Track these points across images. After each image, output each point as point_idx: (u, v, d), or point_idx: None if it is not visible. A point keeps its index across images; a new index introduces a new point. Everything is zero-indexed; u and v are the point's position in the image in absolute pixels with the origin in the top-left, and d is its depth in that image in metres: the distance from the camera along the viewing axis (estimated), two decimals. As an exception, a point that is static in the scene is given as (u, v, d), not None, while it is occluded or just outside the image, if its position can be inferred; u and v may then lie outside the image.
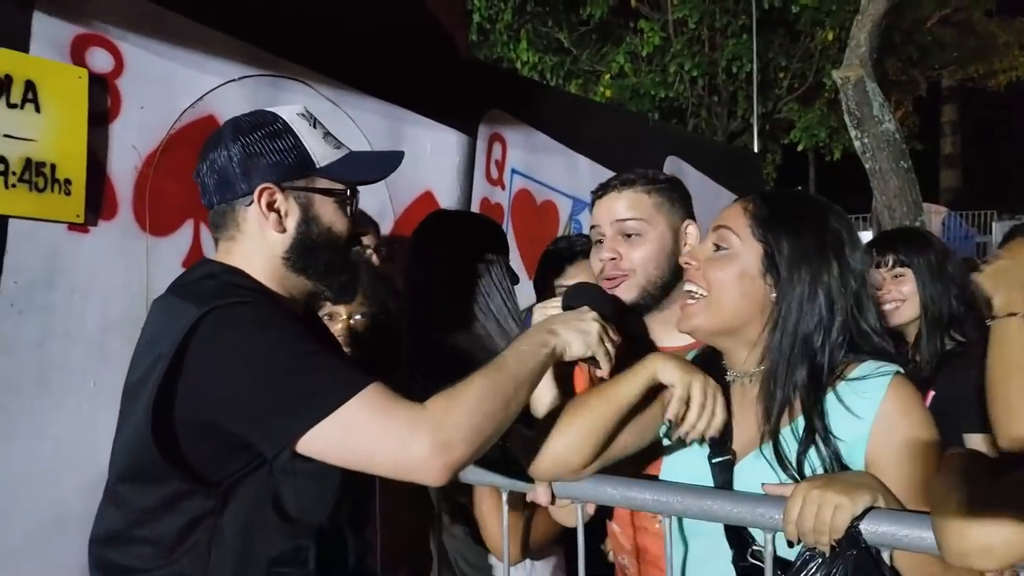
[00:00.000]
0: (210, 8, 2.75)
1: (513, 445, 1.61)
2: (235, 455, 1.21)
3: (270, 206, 1.33)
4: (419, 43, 3.53)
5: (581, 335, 1.33)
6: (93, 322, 2.44)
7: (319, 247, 1.37)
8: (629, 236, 1.64)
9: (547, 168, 4.13)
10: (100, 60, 2.46)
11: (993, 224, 17.27)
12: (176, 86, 2.70)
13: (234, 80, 2.85)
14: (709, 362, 1.41)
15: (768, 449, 1.28)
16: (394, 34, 3.38)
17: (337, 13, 3.15)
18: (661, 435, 1.45)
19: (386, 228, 3.40)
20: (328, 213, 1.38)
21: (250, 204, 1.34)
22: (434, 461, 1.14)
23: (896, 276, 2.37)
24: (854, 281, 1.31)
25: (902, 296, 2.35)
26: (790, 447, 1.27)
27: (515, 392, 1.25)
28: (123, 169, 2.55)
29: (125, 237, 2.54)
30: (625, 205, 1.64)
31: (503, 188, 3.86)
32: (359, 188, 1.48)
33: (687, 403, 1.28)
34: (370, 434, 1.14)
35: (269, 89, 2.96)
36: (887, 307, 2.34)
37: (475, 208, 3.71)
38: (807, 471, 1.24)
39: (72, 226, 2.37)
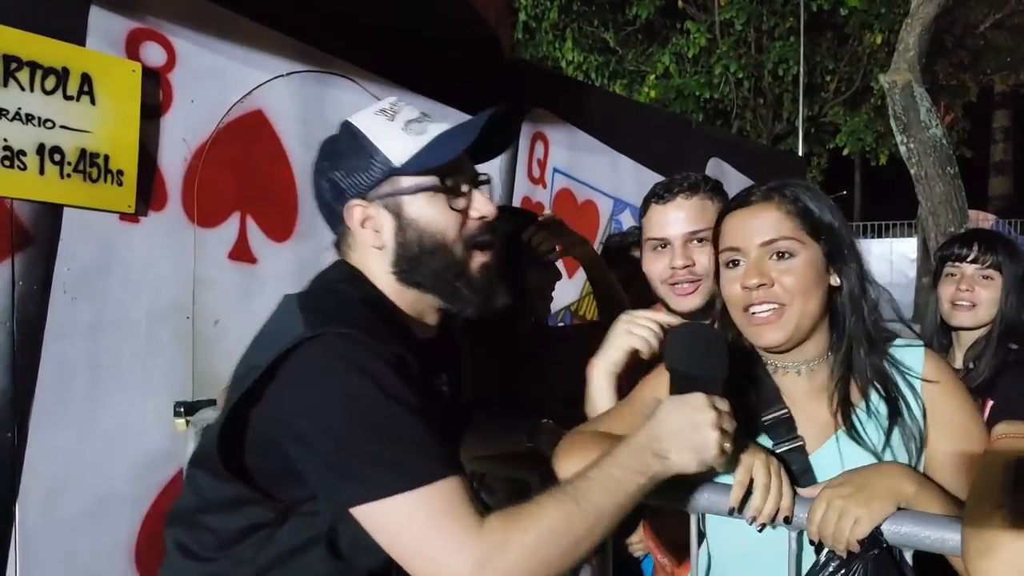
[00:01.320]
0: (260, 4, 2.81)
1: (539, 442, 1.62)
2: (297, 483, 1.14)
3: (363, 223, 1.25)
4: (464, 41, 3.55)
5: (695, 453, 1.12)
6: (142, 310, 2.51)
7: (422, 253, 1.23)
8: (701, 242, 1.67)
9: (589, 168, 4.14)
10: (153, 54, 2.52)
11: (1044, 233, 16.81)
12: (226, 81, 2.75)
13: (282, 76, 2.90)
14: (745, 357, 1.40)
15: (848, 431, 1.29)
16: (439, 32, 3.41)
17: (383, 11, 3.18)
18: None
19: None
20: (421, 213, 1.23)
21: (349, 226, 1.27)
22: None
23: (985, 277, 2.25)
24: None
25: (981, 299, 2.24)
26: (869, 427, 1.29)
27: (588, 532, 1.07)
28: (173, 161, 2.61)
29: (174, 228, 2.61)
30: (695, 214, 1.67)
31: (544, 187, 3.87)
32: (480, 170, 1.30)
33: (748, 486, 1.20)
34: (416, 536, 1.04)
35: (317, 85, 3.01)
36: (961, 303, 2.25)
37: (516, 206, 3.72)
38: (891, 448, 1.27)
39: (123, 216, 2.44)
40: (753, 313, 1.31)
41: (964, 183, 6.93)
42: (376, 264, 1.26)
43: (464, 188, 1.25)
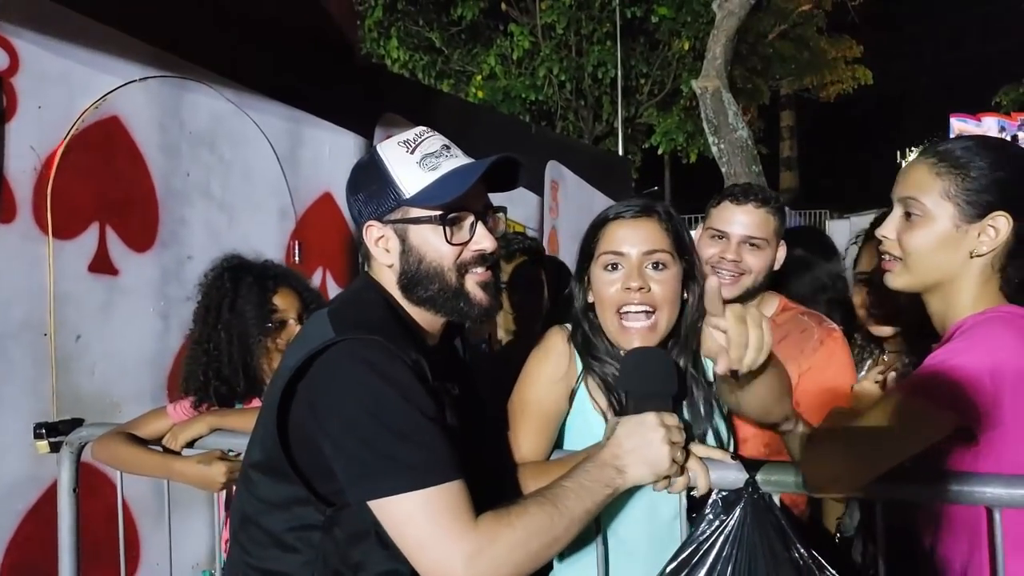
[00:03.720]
0: (110, 7, 2.71)
1: None
2: (335, 478, 1.23)
3: (376, 241, 1.35)
4: (317, 45, 3.58)
5: (649, 467, 1.29)
6: (-6, 327, 2.37)
7: (422, 276, 1.33)
8: (753, 246, 1.88)
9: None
10: (-4, 58, 2.39)
11: (827, 223, 18.82)
12: (75, 86, 2.64)
13: (136, 81, 2.82)
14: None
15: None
16: (292, 38, 3.41)
17: (237, 15, 3.15)
18: None
19: (289, 229, 3.43)
20: (423, 241, 1.32)
21: (366, 243, 1.37)
22: None
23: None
24: None
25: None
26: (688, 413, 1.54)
27: (565, 532, 1.24)
28: (22, 170, 2.48)
29: (26, 240, 2.48)
30: (759, 221, 1.88)
31: (400, 190, 3.95)
32: (494, 205, 1.41)
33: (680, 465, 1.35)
34: (419, 530, 1.17)
35: (173, 90, 2.94)
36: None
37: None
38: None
39: (-29, 229, 2.29)
40: (626, 313, 1.46)
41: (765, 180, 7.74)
42: (388, 278, 1.37)
43: (468, 221, 1.34)
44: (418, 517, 1.17)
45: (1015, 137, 13.64)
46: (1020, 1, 15.39)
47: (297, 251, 3.46)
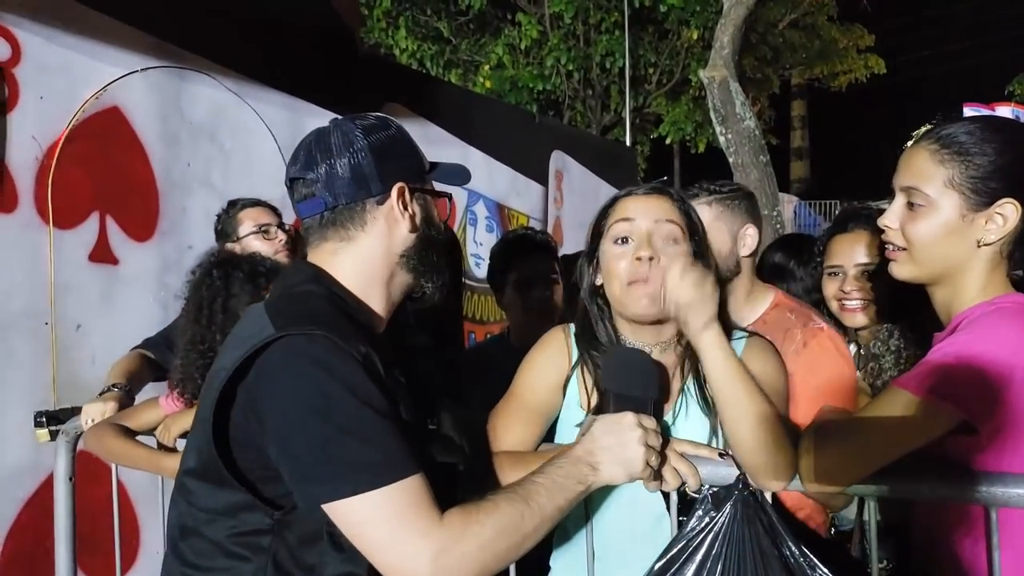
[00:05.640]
0: (111, -2, 2.72)
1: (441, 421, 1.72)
2: (281, 481, 1.19)
3: (405, 205, 1.34)
4: (320, 36, 3.57)
5: (623, 467, 1.27)
6: (-7, 316, 2.39)
7: (434, 246, 1.38)
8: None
9: (442, 160, 4.26)
10: (-2, 49, 2.40)
11: (837, 213, 18.69)
12: (77, 76, 2.65)
13: (137, 71, 2.82)
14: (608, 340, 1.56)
15: (686, 406, 1.51)
16: (293, 28, 3.41)
17: (239, 5, 3.16)
18: None
19: (289, 219, 3.43)
20: (439, 215, 1.41)
21: (382, 203, 1.32)
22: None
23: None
24: None
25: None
26: (692, 402, 1.52)
27: (534, 530, 1.19)
28: (23, 160, 2.49)
29: (27, 230, 2.50)
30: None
31: (402, 180, 3.96)
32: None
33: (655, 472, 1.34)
34: (380, 531, 1.12)
35: (175, 81, 2.95)
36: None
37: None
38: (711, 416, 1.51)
39: (-29, 219, 2.31)
40: (636, 283, 1.41)
41: (773, 169, 7.69)
42: (387, 244, 1.34)
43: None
44: (377, 517, 1.12)
45: (1028, 126, 13.46)
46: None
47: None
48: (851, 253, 1.97)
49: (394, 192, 1.32)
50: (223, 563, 1.23)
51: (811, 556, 1.29)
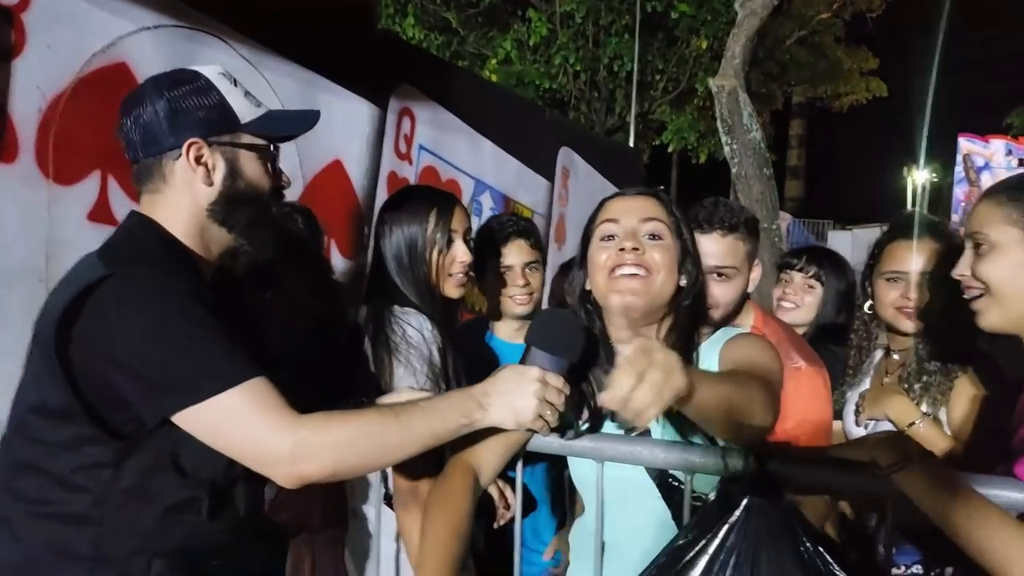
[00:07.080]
0: (126, -51, 2.62)
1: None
2: (128, 407, 1.25)
3: (198, 160, 1.37)
4: (337, 10, 3.49)
5: (513, 413, 1.31)
6: (-12, 273, 2.29)
7: (243, 201, 1.41)
8: (724, 275, 1.82)
9: (453, 148, 4.19)
10: (8, -9, 2.30)
11: (828, 232, 18.81)
12: (86, 28, 2.54)
13: (148, 28, 2.72)
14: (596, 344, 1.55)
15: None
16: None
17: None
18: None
19: (295, 195, 3.34)
20: (252, 168, 1.42)
21: (177, 158, 1.37)
22: (285, 467, 1.22)
23: (809, 286, 2.64)
24: None
25: (803, 303, 2.64)
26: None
27: (400, 445, 1.28)
28: (26, 110, 2.39)
29: (26, 183, 2.39)
30: (725, 250, 1.83)
31: (410, 163, 3.88)
32: (279, 145, 1.51)
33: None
34: (237, 428, 1.21)
35: (186, 42, 2.84)
36: (784, 304, 2.66)
37: (383, 181, 3.71)
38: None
39: (-32, 167, 2.21)
40: (619, 276, 1.42)
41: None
42: (190, 198, 1.38)
43: (275, 156, 1.48)
44: (231, 416, 1.20)
45: (1022, 161, 13.58)
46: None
47: (302, 218, 3.38)
48: (916, 260, 1.99)
49: (183, 147, 1.36)
50: (59, 495, 1.27)
51: (826, 555, 1.27)
